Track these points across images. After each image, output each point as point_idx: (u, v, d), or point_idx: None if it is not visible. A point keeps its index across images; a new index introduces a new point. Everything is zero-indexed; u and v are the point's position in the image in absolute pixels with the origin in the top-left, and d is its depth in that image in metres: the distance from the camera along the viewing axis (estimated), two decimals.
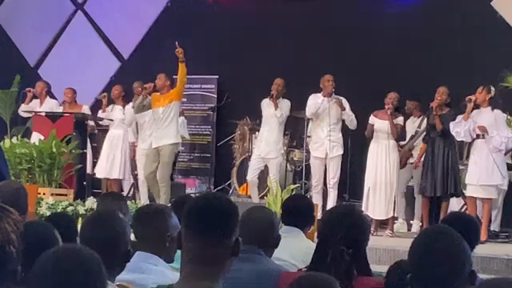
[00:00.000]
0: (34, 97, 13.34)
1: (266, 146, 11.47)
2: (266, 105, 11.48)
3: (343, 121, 11.19)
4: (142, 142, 12.07)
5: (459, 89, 10.30)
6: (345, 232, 3.67)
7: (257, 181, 11.57)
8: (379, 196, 10.52)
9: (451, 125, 9.98)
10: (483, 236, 9.68)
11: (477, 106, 9.93)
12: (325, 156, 11.06)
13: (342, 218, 3.78)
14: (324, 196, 11.29)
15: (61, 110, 12.82)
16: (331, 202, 10.89)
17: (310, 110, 11.09)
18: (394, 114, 10.52)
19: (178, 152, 13.01)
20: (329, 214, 4.00)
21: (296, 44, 13.26)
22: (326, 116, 11.01)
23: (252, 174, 11.55)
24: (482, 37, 12.19)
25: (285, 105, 11.37)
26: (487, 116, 9.91)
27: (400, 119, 10.63)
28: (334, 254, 3.61)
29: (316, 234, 4.03)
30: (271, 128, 11.45)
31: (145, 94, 11.43)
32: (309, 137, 11.67)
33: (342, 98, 11.07)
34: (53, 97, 13.59)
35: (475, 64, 11.81)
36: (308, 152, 11.54)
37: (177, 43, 10.89)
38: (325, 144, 11.03)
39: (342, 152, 11.21)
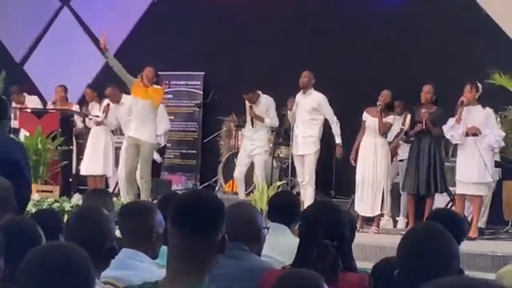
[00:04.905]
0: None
1: (250, 142, 11.48)
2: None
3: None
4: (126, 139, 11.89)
5: (446, 86, 10.32)
6: (326, 226, 3.68)
7: (244, 177, 11.55)
8: (366, 193, 10.50)
9: (445, 128, 9.94)
10: (474, 233, 9.71)
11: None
12: (301, 154, 11.02)
13: (321, 213, 3.80)
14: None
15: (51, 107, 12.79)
16: (308, 199, 10.65)
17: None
18: (385, 112, 10.49)
19: (165, 146, 12.97)
20: (308, 212, 4.01)
21: (283, 41, 13.23)
22: (298, 113, 11.02)
23: (239, 171, 11.54)
24: (468, 34, 12.20)
25: (264, 101, 11.37)
26: (478, 114, 9.86)
27: (390, 117, 10.54)
28: (319, 250, 3.60)
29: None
30: (255, 125, 11.46)
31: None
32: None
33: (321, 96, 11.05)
34: (33, 94, 13.60)
35: (462, 61, 11.81)
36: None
37: None
38: (299, 142, 11.02)
39: (315, 149, 11.02)
